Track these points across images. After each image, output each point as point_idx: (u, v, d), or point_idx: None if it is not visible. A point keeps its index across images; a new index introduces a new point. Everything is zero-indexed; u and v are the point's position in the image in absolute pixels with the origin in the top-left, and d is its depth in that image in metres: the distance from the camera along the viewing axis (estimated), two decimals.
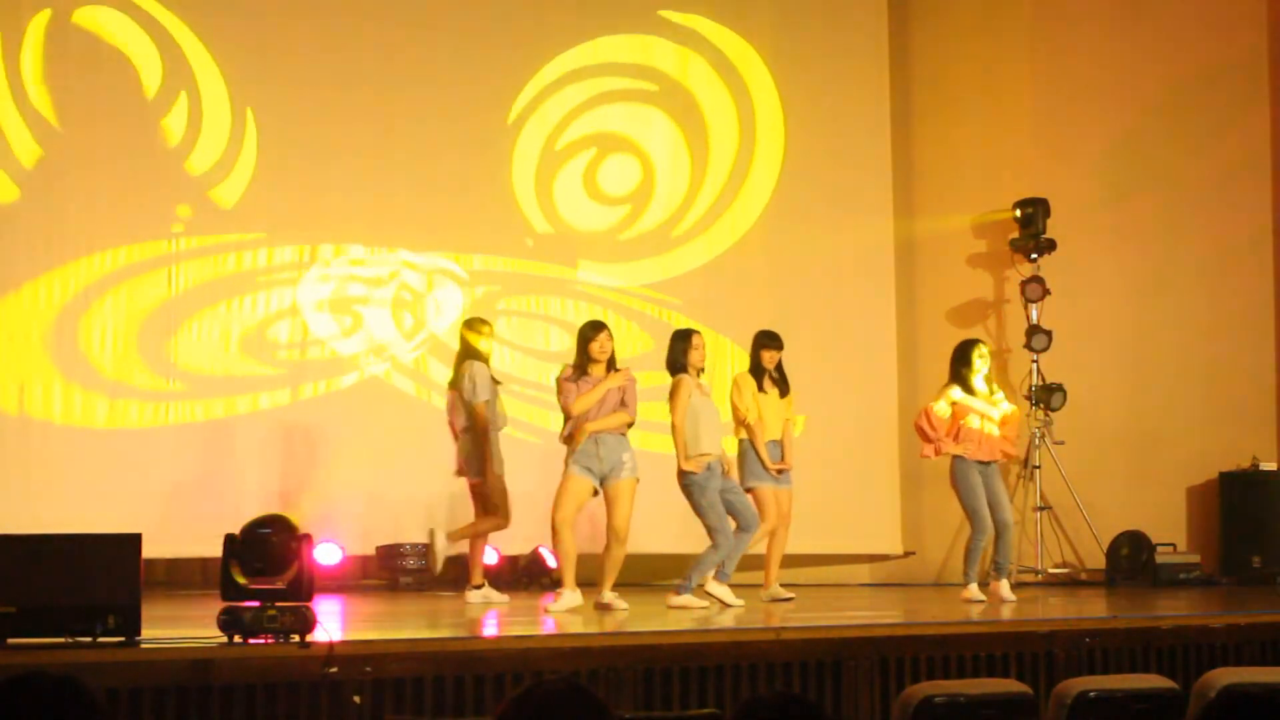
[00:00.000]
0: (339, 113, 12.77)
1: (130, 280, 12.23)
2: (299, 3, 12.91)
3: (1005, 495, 11.20)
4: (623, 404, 9.83)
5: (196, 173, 12.43)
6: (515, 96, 13.38)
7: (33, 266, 12.00)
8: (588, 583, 10.03)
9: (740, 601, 10.09)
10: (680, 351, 10.21)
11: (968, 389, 11.03)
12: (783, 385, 11.17)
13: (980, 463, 10.95)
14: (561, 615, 9.41)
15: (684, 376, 10.16)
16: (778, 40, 14.16)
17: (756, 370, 11.18)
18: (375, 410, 12.68)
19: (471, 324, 11.04)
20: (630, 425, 9.89)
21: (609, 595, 9.73)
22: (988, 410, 10.98)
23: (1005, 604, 10.56)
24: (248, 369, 12.49)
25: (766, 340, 11.21)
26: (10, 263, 11.94)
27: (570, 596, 9.70)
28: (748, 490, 10.82)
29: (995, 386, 11.26)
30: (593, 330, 9.99)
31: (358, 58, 12.89)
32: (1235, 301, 14.23)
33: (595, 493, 9.81)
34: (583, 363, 9.87)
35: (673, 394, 10.17)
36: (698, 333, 10.42)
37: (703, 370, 10.40)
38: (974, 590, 10.78)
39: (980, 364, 11.08)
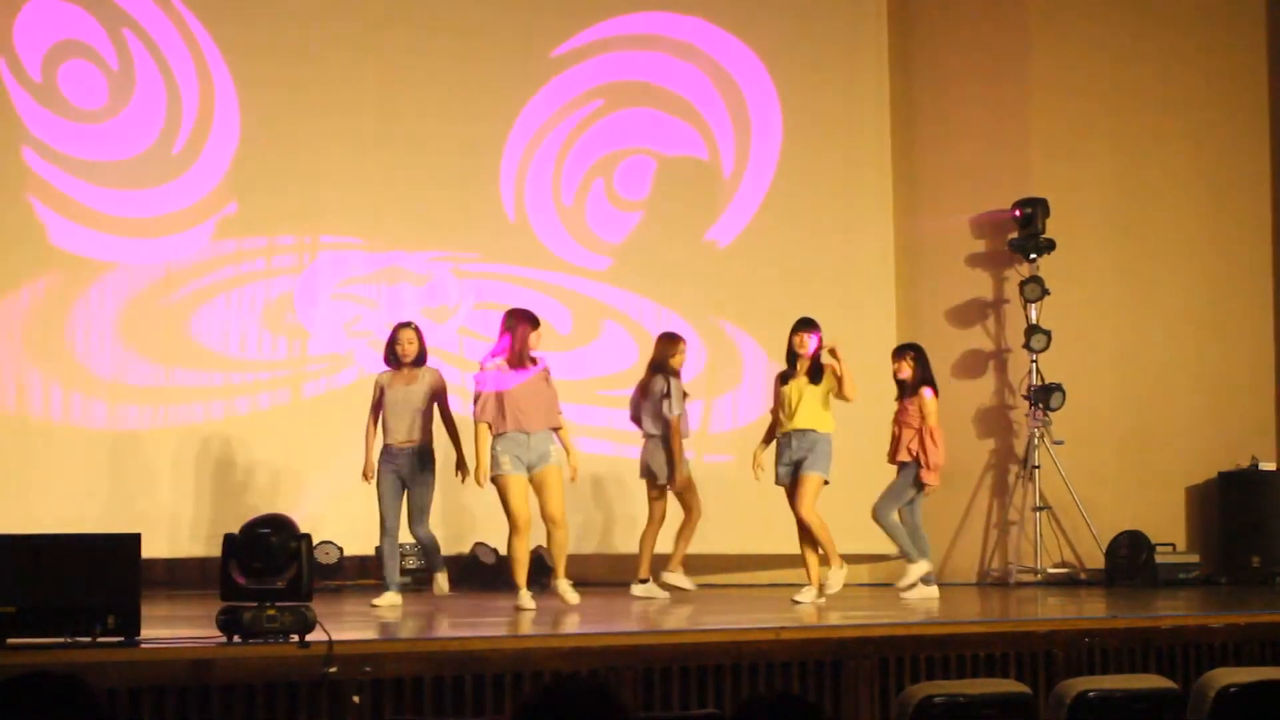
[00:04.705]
0: (337, 110, 12.76)
1: (129, 280, 12.22)
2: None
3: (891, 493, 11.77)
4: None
5: (192, 172, 12.42)
6: (519, 98, 13.38)
7: (32, 266, 11.99)
8: (579, 580, 9.98)
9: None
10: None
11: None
12: (816, 373, 10.83)
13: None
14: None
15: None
16: (778, 41, 14.15)
17: (790, 357, 10.91)
18: None
19: (670, 338, 11.62)
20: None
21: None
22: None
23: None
24: (247, 369, 12.48)
25: (798, 325, 10.88)
26: (9, 262, 11.94)
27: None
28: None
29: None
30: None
31: (359, 55, 12.88)
32: (1235, 301, 14.23)
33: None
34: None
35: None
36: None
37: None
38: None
39: None
